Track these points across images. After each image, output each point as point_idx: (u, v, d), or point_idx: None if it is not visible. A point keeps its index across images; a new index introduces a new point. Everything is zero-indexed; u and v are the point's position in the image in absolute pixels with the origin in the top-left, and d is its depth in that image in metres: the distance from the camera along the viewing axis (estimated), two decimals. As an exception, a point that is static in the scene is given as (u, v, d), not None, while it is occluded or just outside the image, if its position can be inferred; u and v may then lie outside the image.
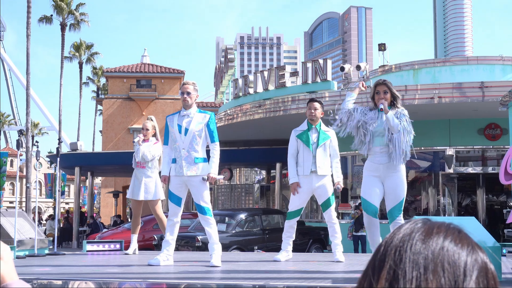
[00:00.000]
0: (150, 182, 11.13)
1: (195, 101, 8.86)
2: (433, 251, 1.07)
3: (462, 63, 24.80)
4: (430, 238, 1.09)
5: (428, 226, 1.12)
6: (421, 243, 1.08)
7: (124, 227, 22.06)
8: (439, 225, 1.13)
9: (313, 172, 9.32)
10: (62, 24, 50.46)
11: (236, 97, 25.36)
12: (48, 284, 7.01)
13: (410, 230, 1.12)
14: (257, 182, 33.64)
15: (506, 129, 19.44)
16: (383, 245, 1.13)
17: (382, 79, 8.31)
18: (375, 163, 8.06)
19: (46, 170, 65.61)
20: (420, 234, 1.10)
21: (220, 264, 8.47)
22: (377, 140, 8.00)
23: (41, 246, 11.98)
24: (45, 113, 71.48)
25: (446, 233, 1.11)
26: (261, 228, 17.15)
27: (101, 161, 32.54)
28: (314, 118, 9.40)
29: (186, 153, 8.58)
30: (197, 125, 8.60)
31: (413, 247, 1.08)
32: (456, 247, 1.08)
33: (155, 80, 48.76)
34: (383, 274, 1.08)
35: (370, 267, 1.13)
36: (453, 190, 21.23)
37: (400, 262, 1.07)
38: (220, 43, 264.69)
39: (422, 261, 1.06)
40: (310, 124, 9.40)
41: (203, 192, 8.65)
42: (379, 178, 8.09)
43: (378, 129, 7.99)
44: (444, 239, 1.09)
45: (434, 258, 1.06)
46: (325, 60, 22.36)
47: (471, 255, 1.08)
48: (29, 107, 38.58)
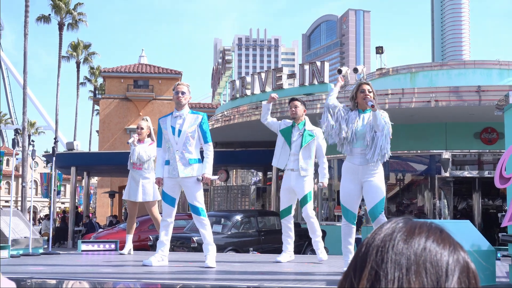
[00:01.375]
0: (148, 184, 11.14)
1: (188, 102, 8.92)
2: (415, 252, 1.06)
3: (459, 67, 24.82)
4: (412, 238, 1.08)
5: (409, 226, 1.11)
6: (403, 243, 1.07)
7: (120, 227, 22.05)
8: (420, 224, 1.12)
9: (294, 171, 9.46)
10: (60, 24, 50.45)
11: (233, 99, 25.36)
12: (42, 283, 7.00)
13: (391, 230, 1.11)
14: (253, 184, 33.62)
15: (502, 133, 19.46)
16: (364, 244, 1.12)
17: (365, 80, 8.39)
18: (354, 164, 8.04)
19: (42, 169, 65.57)
20: (402, 234, 1.09)
21: (214, 265, 8.48)
22: (358, 142, 8.00)
23: (35, 246, 11.95)
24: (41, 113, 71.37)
25: (428, 233, 1.10)
26: (256, 229, 17.14)
27: (97, 161, 32.52)
28: (296, 116, 9.63)
29: (180, 154, 8.60)
30: (190, 126, 8.63)
31: (395, 247, 1.07)
32: (438, 247, 1.07)
33: (153, 81, 48.75)
34: (365, 274, 1.06)
35: (352, 267, 1.11)
36: (449, 194, 21.25)
37: (381, 263, 1.06)
38: (218, 44, 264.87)
39: (405, 261, 1.05)
40: (293, 122, 9.57)
41: (197, 192, 8.67)
42: (357, 180, 8.06)
43: (360, 130, 7.97)
44: (426, 239, 1.08)
45: (416, 258, 1.05)
46: (323, 63, 22.37)
47: (453, 255, 1.08)
48: (25, 106, 38.56)
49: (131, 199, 11.27)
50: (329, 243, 16.39)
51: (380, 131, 7.84)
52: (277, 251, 15.83)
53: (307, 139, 9.48)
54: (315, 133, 9.55)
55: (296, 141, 9.49)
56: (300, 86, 22.30)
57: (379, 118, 7.79)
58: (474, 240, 6.89)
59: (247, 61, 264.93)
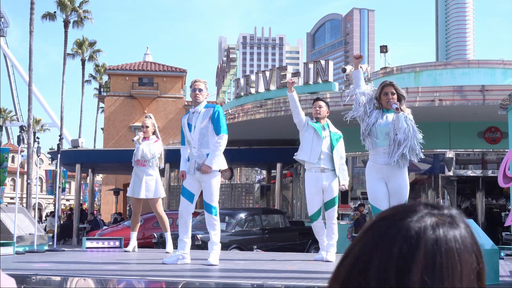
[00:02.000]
0: (151, 181, 11.16)
1: (205, 99, 8.88)
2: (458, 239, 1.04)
3: (463, 66, 24.80)
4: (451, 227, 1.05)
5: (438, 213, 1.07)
6: (447, 231, 1.04)
7: (124, 225, 22.08)
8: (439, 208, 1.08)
9: (324, 171, 9.36)
10: (66, 21, 50.47)
11: (237, 97, 25.37)
12: (47, 280, 7.04)
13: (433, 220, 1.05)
14: (257, 182, 33.66)
15: (506, 132, 19.44)
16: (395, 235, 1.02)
17: (389, 81, 8.29)
18: (378, 163, 8.04)
19: (47, 166, 65.68)
20: (442, 222, 1.05)
21: (217, 263, 8.48)
22: (381, 141, 7.99)
23: (40, 242, 12.00)
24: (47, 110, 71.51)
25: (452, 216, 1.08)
26: (260, 227, 17.18)
27: (102, 159, 32.54)
28: (320, 116, 9.48)
29: (197, 150, 8.60)
30: (202, 121, 8.61)
31: (444, 237, 1.02)
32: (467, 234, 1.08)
33: (157, 79, 48.76)
34: (416, 267, 0.98)
35: (378, 259, 1.01)
36: (452, 193, 21.26)
37: (437, 254, 1.00)
38: (222, 42, 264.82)
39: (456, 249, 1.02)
40: (317, 122, 9.46)
41: (213, 191, 8.64)
42: (382, 179, 8.07)
43: (384, 130, 7.98)
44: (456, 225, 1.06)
45: (461, 245, 1.04)
46: (327, 61, 22.36)
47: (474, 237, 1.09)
48: (31, 104, 38.61)
49: (134, 195, 11.30)
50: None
51: (400, 134, 7.84)
52: (281, 249, 15.91)
53: (337, 141, 9.44)
54: (339, 134, 9.56)
55: (325, 139, 9.43)
56: (305, 84, 22.29)
57: (401, 121, 7.78)
58: (478, 239, 6.90)
59: (251, 59, 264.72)
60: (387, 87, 8.04)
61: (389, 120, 7.99)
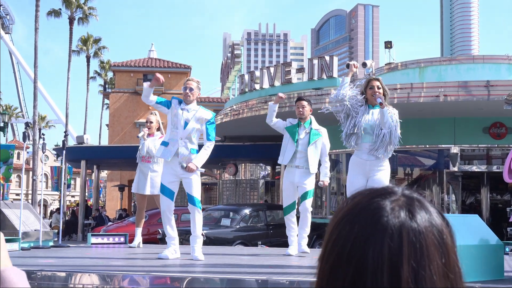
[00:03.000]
0: (156, 177, 11.19)
1: (196, 98, 8.98)
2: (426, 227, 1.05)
3: (468, 62, 24.75)
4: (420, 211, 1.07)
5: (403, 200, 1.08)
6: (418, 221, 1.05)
7: (129, 221, 22.12)
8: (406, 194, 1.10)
9: (299, 167, 9.55)
10: (71, 18, 50.51)
11: (242, 93, 25.38)
12: (52, 276, 7.06)
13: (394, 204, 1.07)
14: (262, 178, 33.61)
15: (511, 128, 19.45)
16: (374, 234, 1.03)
17: (375, 76, 8.44)
18: (362, 159, 8.14)
19: (52, 163, 65.82)
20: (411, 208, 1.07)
21: (203, 258, 8.61)
22: (367, 137, 8.06)
23: (46, 238, 12.05)
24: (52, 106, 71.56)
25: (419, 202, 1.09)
26: (265, 223, 17.20)
27: (107, 155, 32.60)
28: (303, 116, 9.71)
29: (183, 143, 8.70)
30: (197, 122, 8.74)
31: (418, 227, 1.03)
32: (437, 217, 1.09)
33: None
34: (405, 272, 1.00)
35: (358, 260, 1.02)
36: (457, 188, 21.23)
37: (419, 254, 1.01)
38: (227, 38, 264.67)
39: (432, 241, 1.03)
40: (299, 121, 9.64)
41: (195, 184, 8.77)
42: (363, 174, 8.17)
43: (369, 125, 8.05)
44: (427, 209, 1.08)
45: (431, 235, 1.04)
46: (331, 57, 22.36)
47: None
48: (36, 100, 38.68)
49: (139, 192, 11.34)
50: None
51: (386, 128, 7.92)
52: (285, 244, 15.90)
53: (314, 138, 9.59)
54: (321, 132, 9.68)
55: (303, 139, 9.60)
56: (309, 80, 22.30)
57: (386, 116, 7.86)
58: (483, 235, 6.92)
59: (256, 55, 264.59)
60: (373, 81, 8.13)
61: (374, 116, 8.05)
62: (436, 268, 1.01)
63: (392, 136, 7.97)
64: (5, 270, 1.53)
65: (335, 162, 22.32)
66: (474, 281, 6.03)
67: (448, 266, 1.03)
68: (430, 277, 1.00)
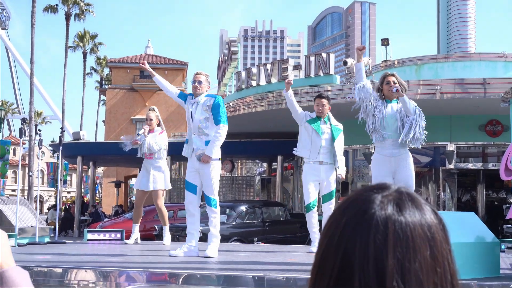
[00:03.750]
0: (159, 173, 11.23)
1: (205, 91, 8.98)
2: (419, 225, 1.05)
3: (465, 59, 24.77)
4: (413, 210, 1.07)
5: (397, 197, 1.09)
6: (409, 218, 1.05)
7: (125, 217, 22.12)
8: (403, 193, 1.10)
9: (323, 164, 9.46)
10: (67, 14, 50.42)
11: (238, 90, 25.37)
12: (48, 272, 7.06)
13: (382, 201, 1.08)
14: (258, 175, 33.68)
15: (507, 125, 19.46)
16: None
17: (390, 72, 8.42)
18: (386, 156, 8.11)
19: (48, 159, 65.72)
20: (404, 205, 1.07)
21: (215, 255, 8.57)
22: (388, 133, 8.06)
23: (42, 234, 12.04)
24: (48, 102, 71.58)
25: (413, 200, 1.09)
26: (261, 220, 17.21)
27: (103, 151, 32.56)
28: (322, 115, 9.58)
29: (196, 136, 8.75)
30: (202, 112, 8.74)
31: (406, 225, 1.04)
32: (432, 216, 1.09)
33: (159, 71, 48.09)
34: (389, 270, 1.00)
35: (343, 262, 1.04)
36: (453, 186, 21.26)
37: (405, 249, 1.02)
38: (224, 35, 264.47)
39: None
40: (319, 117, 9.55)
41: (213, 183, 8.77)
42: (389, 171, 8.13)
43: (389, 120, 8.04)
44: (421, 208, 1.08)
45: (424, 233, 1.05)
46: (328, 54, 22.35)
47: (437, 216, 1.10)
48: (32, 96, 38.65)
49: (141, 188, 11.35)
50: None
51: (412, 115, 7.93)
52: (281, 241, 15.94)
53: (337, 133, 9.54)
54: (340, 127, 9.66)
55: (326, 134, 9.51)
56: (306, 77, 22.29)
57: (407, 102, 7.88)
58: (479, 232, 6.93)
59: (252, 52, 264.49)
60: (388, 76, 8.15)
61: (394, 109, 8.06)
62: (422, 261, 1.02)
63: (419, 122, 7.97)
64: (8, 269, 1.53)
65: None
66: (470, 279, 6.04)
67: (436, 261, 1.04)
68: (415, 269, 1.01)
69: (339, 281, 1.03)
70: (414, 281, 1.01)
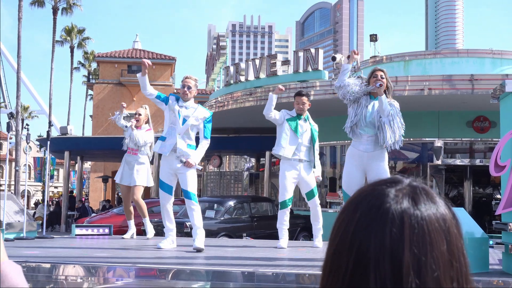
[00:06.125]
0: (142, 169, 11.26)
1: (193, 96, 9.25)
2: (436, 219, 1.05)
3: (453, 56, 24.85)
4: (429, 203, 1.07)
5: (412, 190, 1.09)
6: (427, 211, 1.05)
7: (113, 212, 22.05)
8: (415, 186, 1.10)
9: (302, 161, 9.55)
10: (54, 8, 50.16)
11: (227, 85, 25.34)
12: (36, 267, 7.04)
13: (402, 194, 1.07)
14: (246, 170, 33.65)
15: (494, 122, 19.55)
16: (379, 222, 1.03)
17: (380, 67, 8.47)
18: (360, 150, 8.17)
19: (35, 153, 65.43)
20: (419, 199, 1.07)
21: (203, 247, 8.79)
22: (366, 128, 8.09)
23: (29, 229, 11.99)
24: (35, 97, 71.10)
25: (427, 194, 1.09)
26: (249, 215, 17.21)
27: (91, 146, 32.46)
28: (302, 113, 9.67)
29: (181, 138, 8.99)
30: (196, 120, 9.05)
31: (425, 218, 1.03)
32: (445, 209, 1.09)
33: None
34: (406, 264, 0.99)
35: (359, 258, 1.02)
36: (440, 182, 21.34)
37: (422, 244, 1.01)
38: (212, 30, 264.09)
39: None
40: (299, 115, 9.63)
41: (190, 179, 9.04)
42: (361, 167, 8.18)
43: (369, 117, 8.07)
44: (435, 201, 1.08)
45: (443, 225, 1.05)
46: (317, 50, 22.34)
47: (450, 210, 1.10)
48: (19, 90, 38.45)
49: (124, 183, 11.38)
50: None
51: (385, 116, 7.94)
52: (270, 236, 15.93)
53: (315, 133, 9.68)
54: (316, 127, 9.81)
55: (305, 133, 9.58)
56: (294, 73, 22.29)
57: (384, 103, 7.89)
58: (468, 228, 6.96)
59: (240, 47, 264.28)
60: (377, 71, 8.20)
61: (375, 108, 8.08)
62: (439, 255, 1.01)
63: (394, 125, 7.99)
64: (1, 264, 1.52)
65: (319, 155, 22.33)
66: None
67: (453, 254, 1.03)
68: (431, 264, 1.00)
69: (353, 278, 1.01)
70: (430, 276, 0.99)
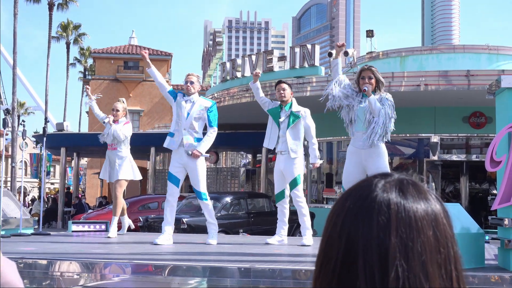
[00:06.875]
0: (124, 163, 11.14)
1: (197, 91, 9.57)
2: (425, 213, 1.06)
3: (449, 51, 24.87)
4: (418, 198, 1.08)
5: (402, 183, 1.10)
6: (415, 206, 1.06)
7: (110, 208, 22.01)
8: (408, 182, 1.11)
9: (282, 153, 9.53)
10: (50, 4, 50.08)
11: (223, 81, 25.33)
12: (33, 263, 7.03)
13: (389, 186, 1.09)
14: (243, 166, 33.66)
15: (490, 117, 19.56)
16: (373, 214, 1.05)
17: (368, 65, 8.42)
18: (357, 147, 8.19)
19: (31, 150, 65.32)
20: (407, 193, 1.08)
21: (214, 243, 9.29)
22: (359, 125, 8.10)
23: (26, 226, 11.98)
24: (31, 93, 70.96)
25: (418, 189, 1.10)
26: (246, 211, 17.21)
27: (87, 142, 32.37)
28: (284, 99, 9.67)
29: (187, 132, 9.30)
30: (199, 111, 9.34)
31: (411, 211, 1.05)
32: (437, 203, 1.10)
33: (143, 62, 48.44)
34: (392, 263, 1.01)
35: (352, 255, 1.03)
36: (437, 177, 21.35)
37: (410, 235, 1.03)
38: (208, 26, 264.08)
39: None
40: (281, 104, 9.64)
41: (200, 176, 9.39)
42: (360, 164, 8.19)
43: (361, 115, 8.08)
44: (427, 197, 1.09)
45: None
46: (313, 46, 22.34)
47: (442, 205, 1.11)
48: (15, 87, 38.41)
49: (110, 180, 11.32)
50: (318, 225, 16.49)
51: (376, 116, 7.94)
52: (266, 232, 15.95)
53: (294, 120, 9.52)
54: (301, 113, 9.60)
55: (283, 123, 9.57)
56: (291, 68, 22.28)
57: (373, 103, 7.88)
58: (464, 223, 6.97)
59: (237, 43, 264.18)
60: (365, 71, 8.15)
61: (367, 104, 8.09)
62: (425, 241, 1.03)
63: (386, 121, 8.00)
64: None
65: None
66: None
67: (440, 241, 1.05)
68: (418, 248, 1.02)
69: (343, 266, 1.04)
70: (417, 261, 1.02)
